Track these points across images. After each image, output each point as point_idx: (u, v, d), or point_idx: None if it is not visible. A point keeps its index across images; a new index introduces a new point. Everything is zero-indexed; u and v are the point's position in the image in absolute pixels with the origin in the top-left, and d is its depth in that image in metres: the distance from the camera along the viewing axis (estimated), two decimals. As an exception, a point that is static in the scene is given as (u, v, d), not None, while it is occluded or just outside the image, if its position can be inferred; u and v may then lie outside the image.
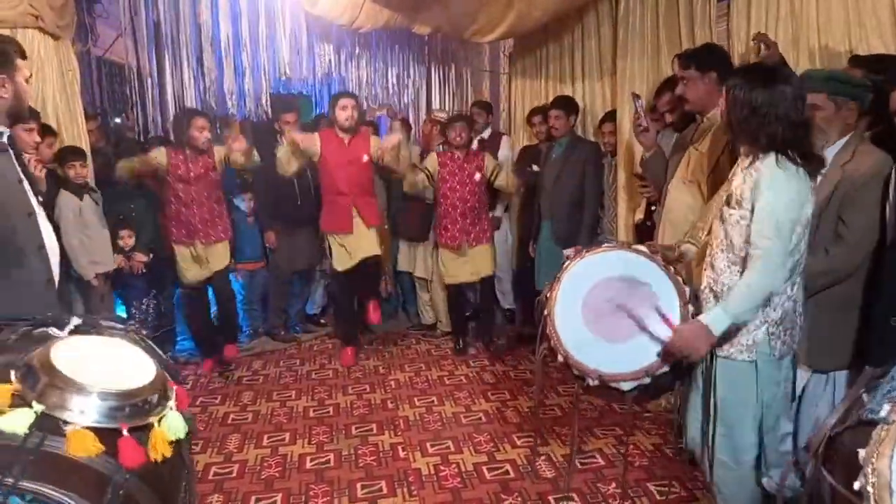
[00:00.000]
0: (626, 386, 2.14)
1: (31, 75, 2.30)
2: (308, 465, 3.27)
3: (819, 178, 2.13)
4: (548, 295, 2.30)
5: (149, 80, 5.72)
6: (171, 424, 1.36)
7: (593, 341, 2.19)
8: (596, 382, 2.16)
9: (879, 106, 2.38)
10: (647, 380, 2.13)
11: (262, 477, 3.14)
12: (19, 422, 1.14)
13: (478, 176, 4.62)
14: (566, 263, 2.33)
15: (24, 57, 2.18)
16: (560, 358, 2.21)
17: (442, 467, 3.20)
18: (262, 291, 5.31)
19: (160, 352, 1.68)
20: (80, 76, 4.38)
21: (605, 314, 2.21)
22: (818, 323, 2.32)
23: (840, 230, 2.31)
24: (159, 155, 4.29)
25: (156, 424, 1.32)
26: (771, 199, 1.95)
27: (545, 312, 2.28)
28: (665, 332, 2.13)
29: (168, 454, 1.30)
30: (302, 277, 5.29)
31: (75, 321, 1.55)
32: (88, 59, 5.83)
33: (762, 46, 3.01)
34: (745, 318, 2.03)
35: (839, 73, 2.50)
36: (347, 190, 4.44)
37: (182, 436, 1.37)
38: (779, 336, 2.08)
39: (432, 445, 3.43)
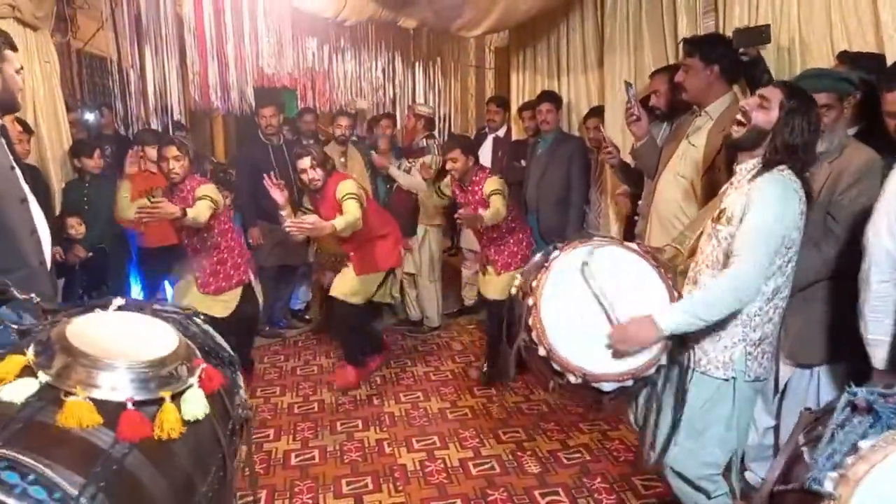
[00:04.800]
0: (607, 387, 2.07)
1: (23, 67, 2.30)
2: (293, 461, 3.25)
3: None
4: (533, 284, 2.18)
5: (130, 73, 5.64)
6: (188, 403, 1.28)
7: (579, 337, 2.10)
8: (578, 380, 2.06)
9: (866, 104, 2.39)
10: (630, 382, 2.08)
11: (247, 473, 3.11)
12: (20, 391, 1.13)
13: (482, 212, 3.85)
14: (555, 253, 2.23)
15: (13, 48, 2.20)
16: (542, 351, 2.09)
17: (427, 463, 3.19)
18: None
19: (218, 338, 1.65)
20: (59, 68, 4.30)
21: (593, 310, 2.12)
22: (802, 318, 2.33)
23: (830, 226, 2.31)
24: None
25: (167, 399, 1.24)
26: (761, 216, 1.92)
27: (530, 302, 2.15)
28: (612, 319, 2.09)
29: (176, 433, 1.22)
30: (286, 273, 5.25)
31: (118, 302, 1.52)
32: (68, 51, 5.74)
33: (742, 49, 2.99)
34: (699, 319, 1.97)
35: (839, 71, 2.49)
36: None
37: (200, 416, 1.29)
38: (755, 357, 2.05)
39: (418, 441, 3.42)
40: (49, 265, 2.24)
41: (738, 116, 2.04)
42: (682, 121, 3.11)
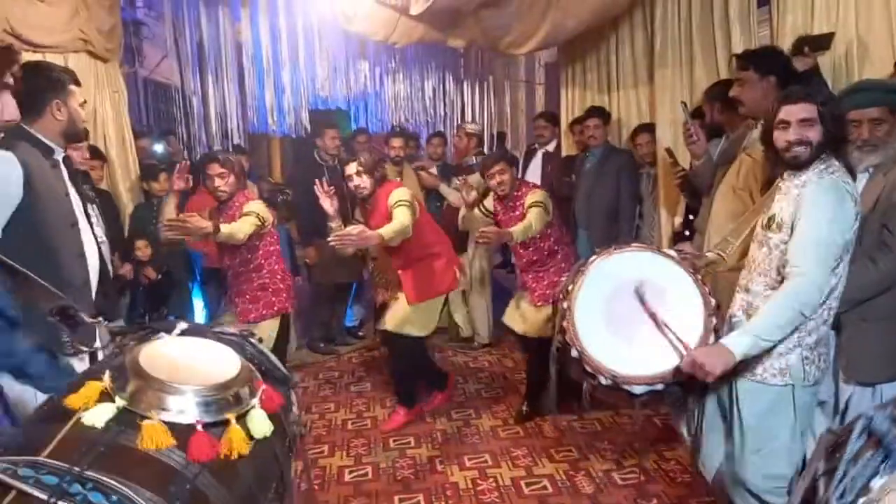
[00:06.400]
0: (637, 390, 2.09)
1: (86, 101, 2.46)
2: (346, 477, 3.29)
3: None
4: (570, 288, 2.24)
5: (193, 99, 5.89)
6: (253, 423, 1.35)
7: (611, 340, 2.14)
8: (609, 382, 2.10)
9: None
10: (660, 386, 2.09)
11: (301, 489, 3.17)
12: (100, 416, 1.21)
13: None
14: (592, 258, 2.28)
15: (77, 84, 2.35)
16: (574, 352, 2.14)
17: (479, 481, 3.18)
18: (298, 305, 5.36)
19: (273, 358, 1.74)
20: (126, 96, 4.53)
21: (626, 314, 2.16)
22: (862, 335, 2.26)
23: (886, 239, 2.25)
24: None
25: (233, 421, 1.32)
26: (815, 220, 1.91)
27: (566, 305, 2.21)
28: (680, 346, 2.08)
29: (243, 452, 1.29)
30: (342, 290, 5.34)
31: (181, 326, 1.63)
32: (135, 80, 6.05)
33: (805, 50, 2.94)
34: (769, 341, 1.95)
35: (890, 83, 2.46)
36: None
37: (266, 435, 1.36)
38: (813, 361, 2.02)
39: (469, 459, 3.41)
40: (94, 287, 2.34)
41: (796, 146, 2.01)
42: (738, 134, 3.06)
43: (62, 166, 2.31)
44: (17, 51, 1.82)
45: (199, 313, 4.81)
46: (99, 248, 2.42)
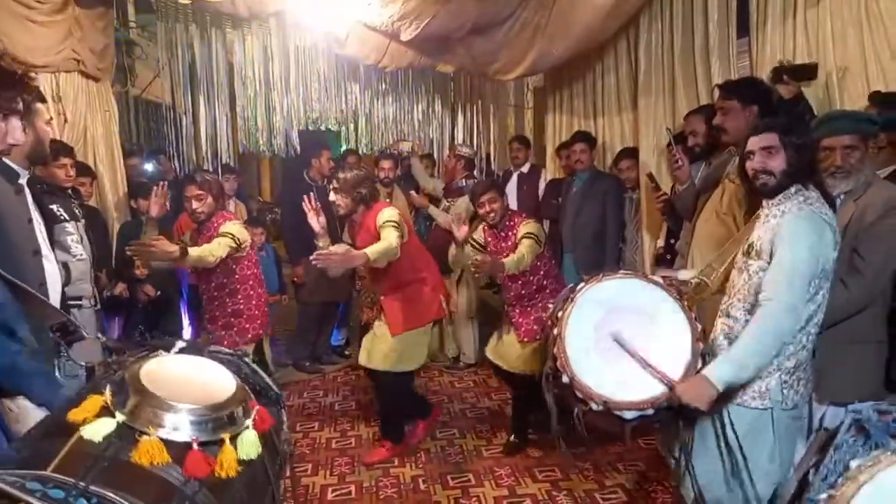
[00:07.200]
0: (628, 415, 2.12)
1: (52, 118, 2.38)
2: (330, 496, 3.29)
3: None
4: (559, 314, 2.28)
5: (183, 118, 5.92)
6: (243, 443, 1.38)
7: (601, 366, 2.17)
8: (600, 408, 2.13)
9: None
10: (651, 411, 2.12)
11: (285, 507, 3.17)
12: (100, 430, 1.23)
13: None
14: (581, 285, 2.31)
15: (42, 101, 2.27)
16: (565, 378, 2.17)
17: (462, 501, 3.20)
18: (285, 324, 5.37)
19: (266, 378, 1.76)
20: (118, 115, 4.57)
21: (615, 342, 2.19)
22: (834, 355, 2.31)
23: (857, 263, 2.32)
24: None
25: (227, 441, 1.34)
26: (790, 249, 1.97)
27: (556, 332, 2.24)
28: (666, 376, 2.12)
29: (233, 473, 1.31)
30: (329, 309, 5.36)
31: (180, 344, 1.65)
32: (126, 99, 6.07)
33: (784, 78, 3.03)
34: (750, 368, 2.00)
35: (863, 112, 2.56)
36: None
37: (253, 455, 1.39)
38: (791, 385, 2.06)
39: (453, 478, 3.43)
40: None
41: (760, 174, 2.09)
42: (721, 160, 3.14)
43: (26, 190, 2.23)
44: (35, 77, 1.76)
45: (186, 331, 4.80)
46: (64, 277, 2.34)
